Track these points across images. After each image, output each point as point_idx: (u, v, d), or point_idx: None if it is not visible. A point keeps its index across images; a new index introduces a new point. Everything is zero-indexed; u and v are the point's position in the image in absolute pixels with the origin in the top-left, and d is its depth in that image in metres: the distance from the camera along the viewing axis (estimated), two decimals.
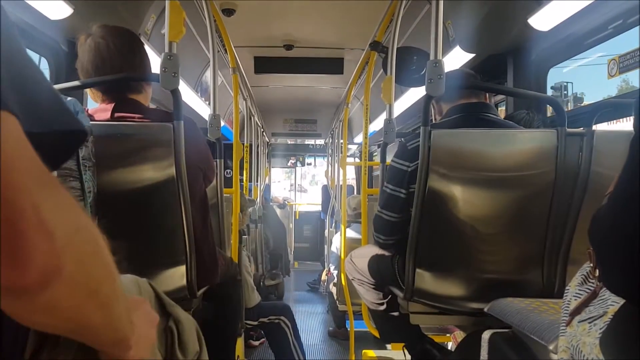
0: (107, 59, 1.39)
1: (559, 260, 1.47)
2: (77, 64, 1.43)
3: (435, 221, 1.46)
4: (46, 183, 0.37)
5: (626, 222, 0.56)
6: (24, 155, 0.36)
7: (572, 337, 0.74)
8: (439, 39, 1.39)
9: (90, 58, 1.39)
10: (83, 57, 1.41)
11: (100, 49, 1.39)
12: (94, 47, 1.39)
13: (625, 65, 1.87)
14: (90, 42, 1.40)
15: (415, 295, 1.52)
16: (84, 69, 1.41)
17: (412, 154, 1.49)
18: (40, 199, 0.36)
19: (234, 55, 2.75)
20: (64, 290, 0.38)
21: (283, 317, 3.02)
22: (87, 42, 1.41)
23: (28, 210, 0.34)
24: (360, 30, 3.32)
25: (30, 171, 0.36)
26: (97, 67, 1.39)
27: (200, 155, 1.51)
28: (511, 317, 1.15)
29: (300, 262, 8.15)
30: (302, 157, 8.59)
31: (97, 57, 1.39)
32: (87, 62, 1.40)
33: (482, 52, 2.57)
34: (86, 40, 1.41)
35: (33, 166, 0.37)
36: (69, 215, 0.39)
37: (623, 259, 0.57)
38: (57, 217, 0.37)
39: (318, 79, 4.88)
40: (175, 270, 1.41)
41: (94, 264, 0.42)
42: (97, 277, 0.43)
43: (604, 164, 1.40)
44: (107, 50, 1.39)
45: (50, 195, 0.37)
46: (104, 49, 1.39)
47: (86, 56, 1.40)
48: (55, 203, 0.37)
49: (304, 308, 5.43)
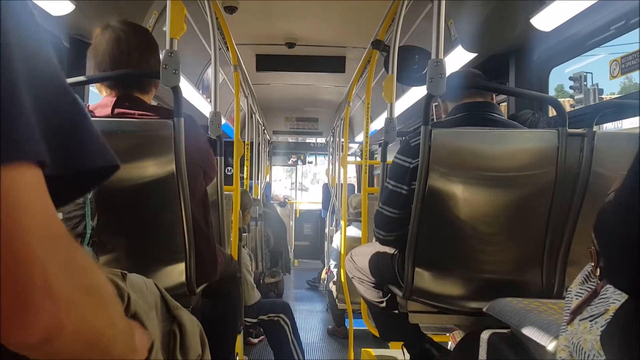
0: (126, 53, 1.40)
1: (559, 260, 1.47)
2: (89, 53, 1.44)
3: (435, 220, 1.46)
4: (57, 241, 0.39)
5: (634, 217, 0.56)
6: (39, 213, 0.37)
7: (572, 335, 0.74)
8: (441, 39, 1.39)
9: (108, 49, 1.40)
10: (100, 47, 1.41)
11: (120, 41, 1.40)
12: (114, 38, 1.40)
13: (628, 67, 1.87)
14: (111, 34, 1.41)
15: (414, 294, 1.52)
16: (98, 59, 1.41)
17: (415, 151, 1.49)
18: (49, 263, 0.37)
19: (235, 52, 2.75)
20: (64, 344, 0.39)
21: (282, 315, 3.03)
22: (107, 33, 1.41)
23: (37, 276, 0.35)
24: (362, 29, 3.32)
25: (43, 232, 0.37)
26: (114, 58, 1.39)
27: (201, 153, 1.51)
28: (510, 317, 1.15)
29: (300, 260, 8.15)
30: (303, 155, 8.60)
31: (116, 49, 1.39)
32: (105, 52, 1.40)
33: (484, 52, 2.57)
34: (104, 31, 1.41)
35: (47, 225, 0.38)
36: (75, 275, 0.40)
37: (629, 254, 0.57)
38: (63, 278, 0.38)
39: (319, 77, 4.88)
40: (174, 267, 1.42)
41: (97, 317, 0.43)
42: (98, 329, 0.44)
43: (604, 164, 1.40)
44: (127, 44, 1.40)
45: (59, 255, 0.38)
46: (124, 42, 1.40)
47: (104, 46, 1.40)
48: (63, 263, 0.39)
49: (303, 306, 5.44)
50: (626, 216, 0.58)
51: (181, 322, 0.85)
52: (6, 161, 0.35)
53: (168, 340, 0.84)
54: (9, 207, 0.35)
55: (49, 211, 0.38)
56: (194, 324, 0.89)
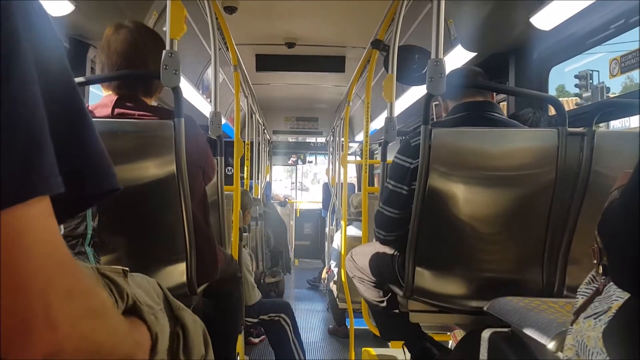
0: (142, 53, 1.42)
1: (559, 259, 1.47)
2: (99, 50, 1.45)
3: (435, 220, 1.47)
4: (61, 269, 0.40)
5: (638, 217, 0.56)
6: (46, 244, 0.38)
7: (577, 333, 0.74)
8: (441, 38, 1.39)
9: (122, 49, 1.41)
10: (113, 46, 1.41)
11: (137, 42, 1.41)
12: (129, 40, 1.41)
13: (627, 65, 1.87)
14: (126, 34, 1.42)
15: (415, 293, 1.53)
16: (111, 59, 1.41)
17: (415, 151, 1.49)
18: (52, 293, 0.38)
19: (235, 52, 2.75)
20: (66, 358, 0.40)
21: (283, 314, 3.03)
22: (121, 33, 1.42)
23: (40, 311, 0.37)
24: (362, 28, 3.32)
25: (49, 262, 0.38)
26: (128, 57, 1.41)
27: (200, 154, 1.51)
28: (510, 316, 1.15)
29: (300, 260, 8.15)
30: (303, 154, 8.60)
31: (132, 49, 1.41)
32: (117, 51, 1.41)
33: (483, 51, 2.57)
34: (118, 30, 1.42)
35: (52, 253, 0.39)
36: (76, 300, 0.41)
37: (633, 253, 0.57)
38: (65, 306, 0.39)
39: (319, 77, 4.88)
40: (175, 267, 1.42)
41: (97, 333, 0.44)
42: (99, 342, 0.44)
43: (604, 163, 1.40)
44: (143, 45, 1.42)
45: (62, 283, 0.39)
46: (141, 43, 1.42)
47: (117, 46, 1.41)
48: (66, 291, 0.40)
49: (304, 306, 5.44)
50: (631, 216, 0.58)
51: (184, 323, 0.85)
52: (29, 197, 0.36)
53: (171, 342, 0.83)
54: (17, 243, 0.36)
55: (55, 240, 0.39)
56: (197, 324, 0.89)
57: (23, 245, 0.36)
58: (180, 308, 0.88)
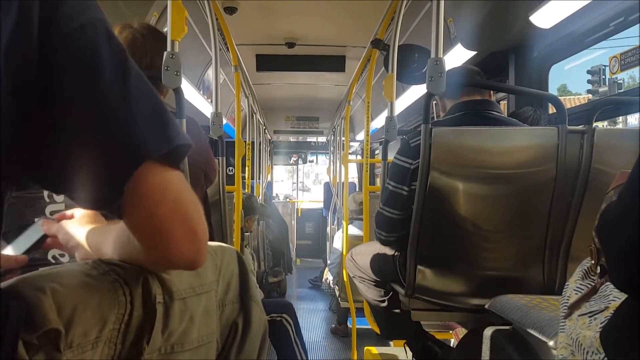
0: (147, 54, 1.42)
1: (560, 257, 1.47)
2: None
3: (437, 218, 1.47)
4: (198, 204, 0.62)
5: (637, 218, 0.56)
6: (185, 182, 0.61)
7: (571, 331, 0.74)
8: (440, 37, 1.40)
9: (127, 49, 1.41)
10: None
11: (144, 43, 1.42)
12: (136, 40, 1.41)
13: (627, 63, 1.87)
14: (131, 35, 1.42)
15: (416, 292, 1.53)
16: None
17: (415, 152, 1.50)
18: (199, 216, 0.61)
19: (235, 53, 2.75)
20: None
21: (285, 314, 3.02)
22: (126, 33, 1.42)
23: (199, 226, 0.61)
24: (362, 28, 3.32)
25: (193, 198, 0.62)
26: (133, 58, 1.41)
27: (202, 155, 1.52)
28: (512, 314, 1.16)
29: (302, 259, 8.16)
30: (304, 154, 8.60)
31: (136, 50, 1.41)
32: None
33: (483, 50, 2.57)
34: (124, 30, 1.42)
35: (189, 190, 0.62)
36: (203, 221, 0.63)
37: (631, 255, 0.57)
38: (202, 225, 0.62)
39: (320, 76, 4.89)
40: None
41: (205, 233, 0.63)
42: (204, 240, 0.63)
43: (604, 161, 1.40)
44: (149, 46, 1.42)
45: (199, 212, 0.62)
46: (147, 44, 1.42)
47: None
48: (200, 215, 0.62)
49: (306, 305, 5.45)
50: (629, 217, 0.58)
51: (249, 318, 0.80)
52: (176, 144, 0.58)
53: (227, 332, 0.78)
54: (178, 178, 0.60)
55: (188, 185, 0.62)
56: (261, 323, 0.83)
57: (180, 180, 0.60)
58: (252, 299, 0.83)
